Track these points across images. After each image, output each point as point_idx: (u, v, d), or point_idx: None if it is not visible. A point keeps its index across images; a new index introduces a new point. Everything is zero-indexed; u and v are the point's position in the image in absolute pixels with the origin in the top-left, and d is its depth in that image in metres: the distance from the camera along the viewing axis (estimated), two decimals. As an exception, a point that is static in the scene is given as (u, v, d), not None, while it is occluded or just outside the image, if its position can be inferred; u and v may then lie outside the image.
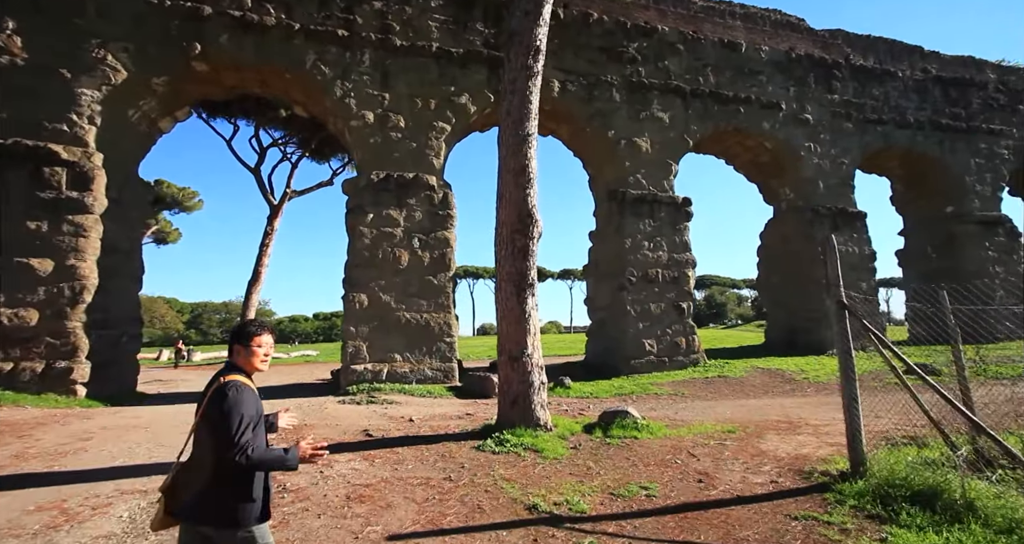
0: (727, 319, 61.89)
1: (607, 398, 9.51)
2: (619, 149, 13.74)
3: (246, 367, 2.08)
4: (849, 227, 15.18)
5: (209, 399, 1.93)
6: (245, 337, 2.08)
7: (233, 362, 2.08)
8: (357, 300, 10.93)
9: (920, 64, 17.60)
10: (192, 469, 1.94)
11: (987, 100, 18.00)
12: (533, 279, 5.98)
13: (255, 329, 2.12)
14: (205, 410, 1.93)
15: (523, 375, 5.76)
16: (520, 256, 5.89)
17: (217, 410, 1.87)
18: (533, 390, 5.76)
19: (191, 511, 1.89)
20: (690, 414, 7.63)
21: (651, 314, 12.77)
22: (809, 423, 6.65)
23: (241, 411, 1.87)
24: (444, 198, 12.05)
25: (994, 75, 18.53)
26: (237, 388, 1.92)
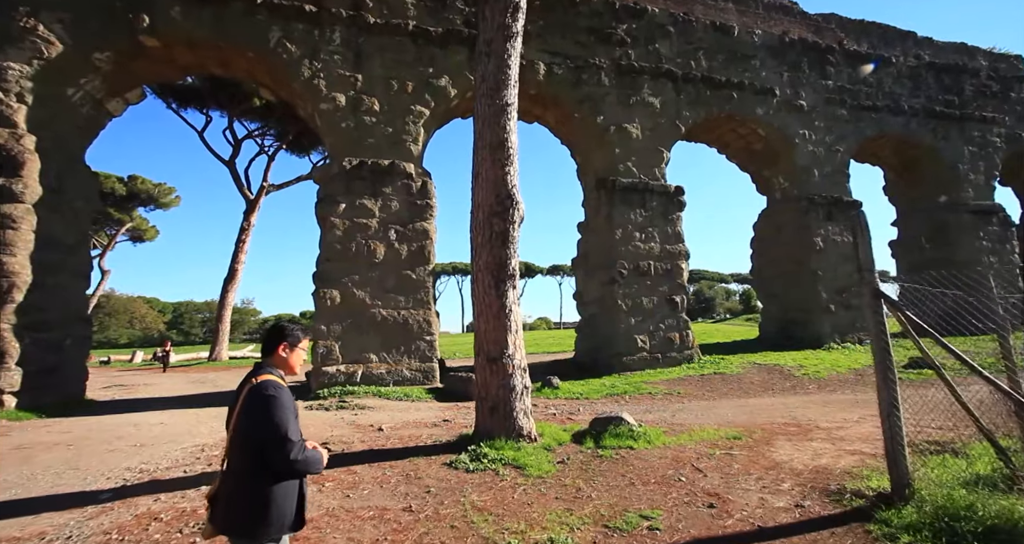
0: (716, 313, 62.01)
1: (598, 399, 8.87)
2: (608, 135, 13.06)
3: (283, 368, 2.02)
4: (844, 216, 14.72)
5: (248, 401, 1.83)
6: (295, 339, 2.05)
7: (269, 362, 2.00)
8: (329, 297, 10.11)
9: (913, 50, 17.21)
10: (228, 477, 1.85)
11: (980, 87, 17.69)
12: (514, 269, 5.27)
13: (302, 332, 2.10)
14: (244, 412, 1.83)
15: (503, 379, 5.06)
16: (499, 243, 5.18)
17: (261, 412, 1.79)
18: (515, 396, 5.06)
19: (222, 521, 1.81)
20: (689, 416, 7.00)
21: (643, 308, 12.16)
22: (820, 426, 6.06)
23: (287, 411, 1.82)
24: (423, 187, 11.26)
25: (986, 62, 18.24)
26: (277, 387, 1.86)
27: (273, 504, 1.79)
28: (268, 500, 1.78)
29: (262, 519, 1.77)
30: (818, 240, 14.20)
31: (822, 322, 13.70)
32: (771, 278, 15.29)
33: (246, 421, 1.81)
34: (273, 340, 2.03)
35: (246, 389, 1.87)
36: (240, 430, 1.82)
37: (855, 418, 6.52)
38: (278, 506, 1.80)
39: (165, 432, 6.23)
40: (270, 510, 1.78)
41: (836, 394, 8.67)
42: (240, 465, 1.81)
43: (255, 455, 1.78)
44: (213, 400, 9.62)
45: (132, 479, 4.16)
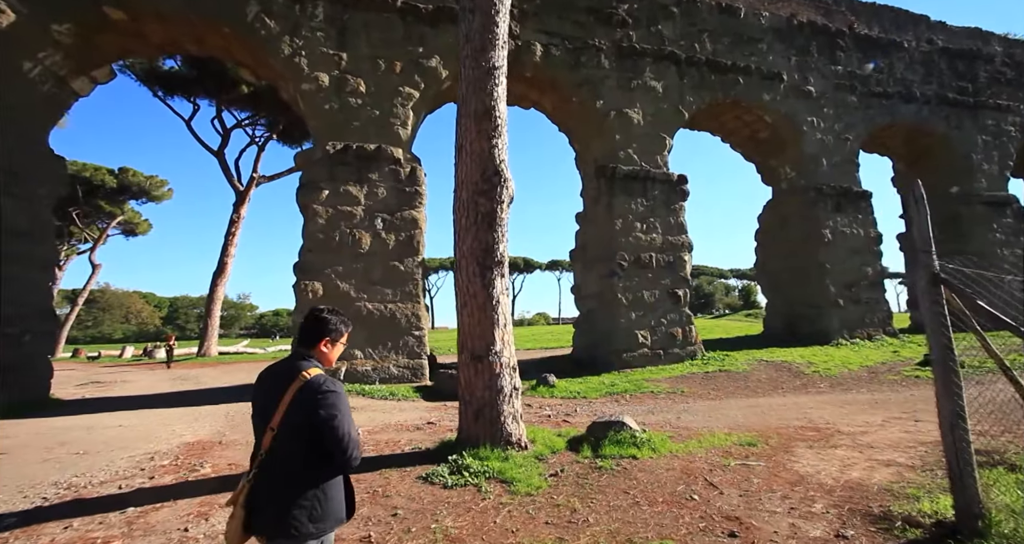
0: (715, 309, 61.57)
1: (597, 399, 8.29)
2: (608, 121, 12.42)
3: (323, 361, 1.93)
4: (853, 208, 14.13)
5: (305, 395, 1.70)
6: (338, 333, 1.95)
7: (309, 354, 1.88)
8: (310, 289, 9.50)
9: (926, 35, 16.54)
10: (272, 478, 1.70)
11: (994, 74, 17.05)
12: (502, 256, 4.67)
13: (344, 325, 2.00)
14: (298, 406, 1.69)
15: (489, 379, 4.46)
16: (485, 225, 4.57)
17: (323, 408, 1.69)
18: (502, 398, 4.47)
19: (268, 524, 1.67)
20: (696, 418, 6.43)
21: (644, 302, 11.57)
22: (841, 430, 5.48)
23: (346, 406, 1.76)
24: (412, 173, 10.62)
25: (1001, 48, 17.57)
26: (332, 381, 1.75)
27: (330, 498, 1.74)
28: (326, 495, 1.73)
29: (322, 515, 1.71)
30: (826, 232, 13.60)
31: (830, 317, 13.13)
32: (776, 272, 14.71)
33: (302, 416, 1.69)
34: (316, 333, 1.91)
35: (297, 382, 1.73)
36: (293, 424, 1.69)
37: (878, 421, 5.95)
38: (333, 499, 1.76)
39: (120, 436, 5.64)
40: (329, 505, 1.73)
41: (851, 393, 8.11)
42: (288, 462, 1.70)
43: (310, 450, 1.70)
44: (191, 399, 9.02)
45: (53, 497, 3.57)
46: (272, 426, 1.71)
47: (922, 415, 6.23)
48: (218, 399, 8.94)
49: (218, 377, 13.35)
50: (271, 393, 1.74)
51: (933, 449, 4.59)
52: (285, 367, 1.82)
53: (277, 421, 1.70)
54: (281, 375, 1.78)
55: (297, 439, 1.69)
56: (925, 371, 9.36)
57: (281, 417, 1.70)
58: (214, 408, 7.68)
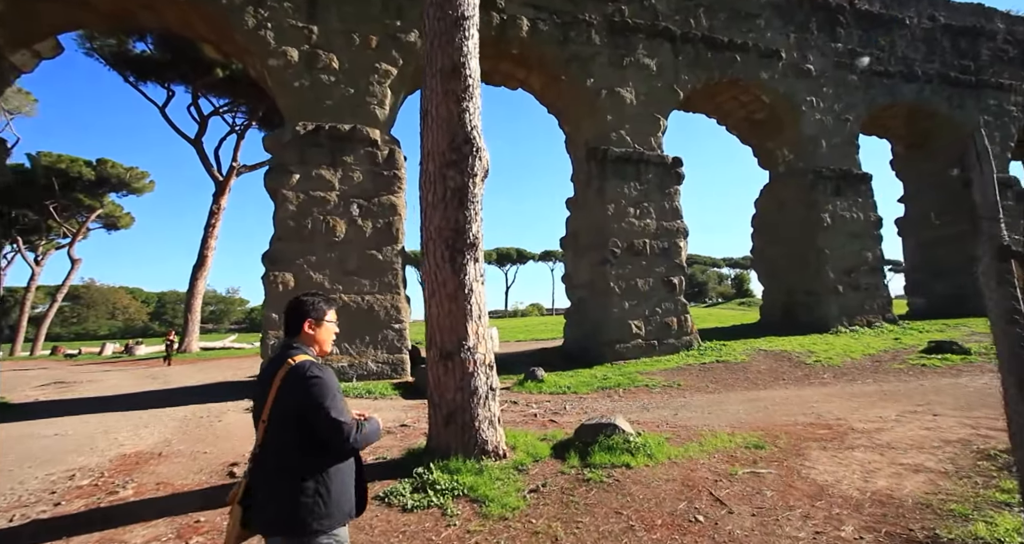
0: (708, 298, 61.51)
1: (588, 394, 7.76)
2: (599, 101, 11.75)
3: (314, 347, 1.82)
4: (853, 191, 13.63)
5: (288, 384, 1.62)
6: (318, 312, 1.84)
7: (296, 342, 1.79)
8: (281, 281, 8.84)
9: (928, 11, 15.94)
10: (267, 471, 1.61)
11: (996, 52, 16.52)
12: (475, 237, 4.06)
13: (326, 304, 1.88)
14: (283, 396, 1.62)
15: (462, 379, 3.88)
16: (455, 202, 3.96)
17: (304, 395, 1.59)
18: (477, 400, 3.89)
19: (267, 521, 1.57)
20: (694, 416, 5.91)
21: (638, 291, 11.03)
22: (855, 428, 4.98)
23: (333, 392, 1.63)
24: (390, 156, 9.93)
25: (1003, 25, 17.02)
26: (319, 367, 1.67)
27: (334, 491, 1.61)
28: (328, 487, 1.60)
29: (320, 510, 1.56)
30: (826, 216, 13.10)
31: (829, 304, 12.69)
32: (773, 258, 14.22)
33: (289, 404, 1.61)
34: (295, 317, 1.83)
35: (282, 371, 1.65)
36: (280, 415, 1.62)
37: (892, 415, 5.46)
38: (339, 492, 1.62)
39: (50, 447, 5.02)
40: (328, 499, 1.59)
41: (856, 385, 7.64)
42: (282, 453, 1.60)
43: (303, 440, 1.60)
44: (152, 400, 8.39)
45: (-72, 530, 2.96)
46: (263, 418, 1.64)
47: (938, 408, 5.75)
48: (183, 400, 8.31)
49: (191, 375, 12.69)
50: (262, 385, 1.69)
51: (962, 450, 4.09)
52: (275, 357, 1.74)
53: (267, 413, 1.63)
54: (271, 366, 1.71)
55: (287, 429, 1.60)
56: (931, 359, 8.94)
57: (270, 408, 1.63)
58: (173, 411, 7.06)
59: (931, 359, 8.91)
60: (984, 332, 12.02)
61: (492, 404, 4.00)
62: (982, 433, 4.62)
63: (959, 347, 9.38)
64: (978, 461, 3.79)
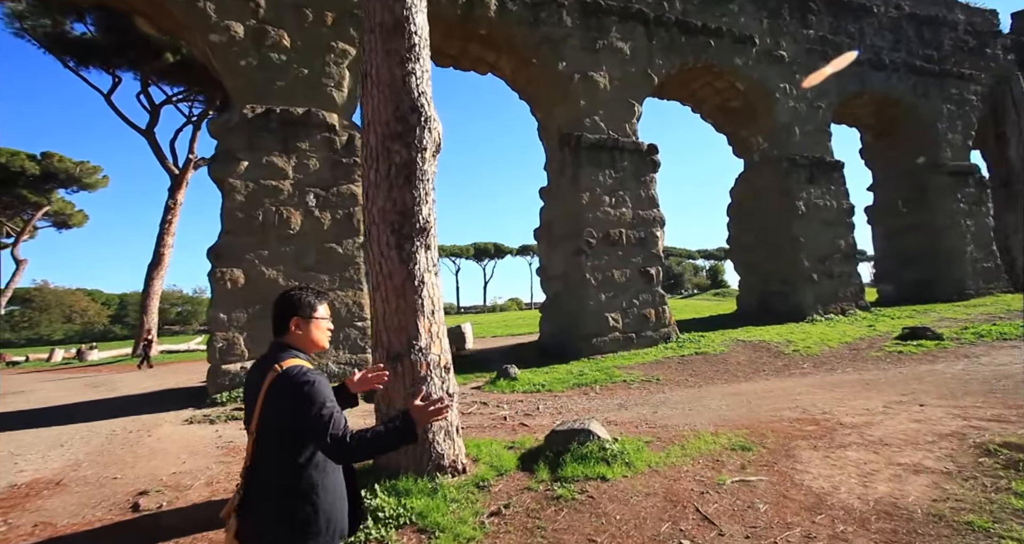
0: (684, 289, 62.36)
1: (563, 392, 7.34)
2: (572, 85, 11.29)
3: (305, 346, 1.65)
4: (826, 178, 13.62)
5: (275, 392, 1.47)
6: (306, 308, 1.66)
7: (285, 342, 1.63)
8: (229, 278, 8.09)
9: (894, 0, 16.05)
10: (256, 487, 1.47)
11: (958, 42, 16.82)
12: (427, 222, 3.52)
13: (315, 298, 1.71)
14: (270, 405, 1.47)
15: (412, 385, 3.36)
16: (401, 180, 3.41)
17: (291, 404, 1.44)
18: (432, 409, 3.38)
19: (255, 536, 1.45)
20: (675, 413, 5.55)
21: (615, 282, 10.68)
22: (842, 422, 4.69)
23: (323, 394, 1.46)
24: (350, 142, 9.23)
25: (963, 16, 17.35)
26: (309, 372, 1.49)
27: (322, 509, 1.46)
28: (315, 506, 1.45)
29: (311, 528, 1.44)
30: (800, 204, 13.04)
31: (805, 292, 12.65)
32: (749, 246, 14.12)
33: (275, 414, 1.46)
34: (282, 315, 1.64)
35: (269, 377, 1.48)
36: (266, 427, 1.47)
37: (879, 407, 5.21)
38: (328, 510, 1.48)
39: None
40: (319, 516, 1.45)
41: (837, 374, 7.46)
42: (270, 468, 1.46)
43: (289, 453, 1.46)
44: (83, 413, 7.55)
45: None
46: (251, 430, 1.50)
47: (924, 397, 5.55)
48: (119, 411, 7.52)
49: (140, 382, 11.74)
50: (250, 393, 1.55)
51: (959, 445, 3.81)
52: (262, 361, 1.60)
53: (254, 424, 1.49)
54: (257, 371, 1.57)
55: (273, 441, 1.46)
56: (907, 346, 8.88)
57: (257, 419, 1.48)
58: (102, 425, 6.30)
59: (907, 346, 8.85)
60: (952, 317, 12.18)
61: (450, 412, 3.49)
62: (974, 425, 4.38)
63: (932, 333, 9.36)
64: (979, 458, 3.50)
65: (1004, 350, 8.47)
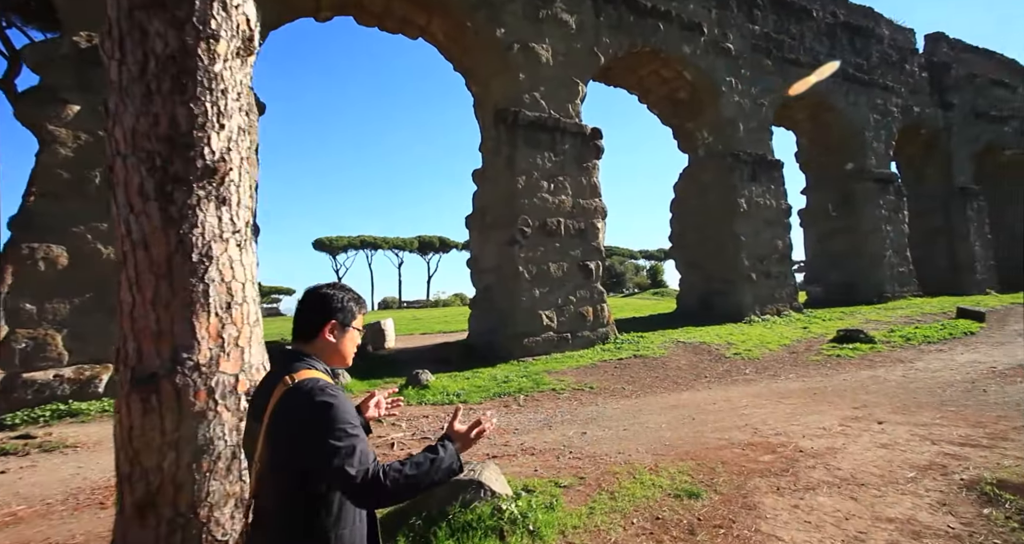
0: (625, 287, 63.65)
1: (481, 404, 6.16)
2: (511, 56, 10.09)
3: (331, 359, 1.35)
4: (767, 177, 13.45)
5: (282, 413, 1.16)
6: (348, 313, 1.37)
7: (306, 350, 1.33)
8: (44, 256, 6.11)
9: (830, 7, 16.34)
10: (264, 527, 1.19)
11: (883, 55, 17.49)
12: (219, 159, 2.15)
13: (356, 303, 1.40)
14: (279, 429, 1.16)
15: (176, 428, 1.98)
16: (166, 84, 2.03)
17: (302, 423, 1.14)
18: (210, 467, 2.02)
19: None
20: (607, 434, 4.53)
21: (550, 277, 9.65)
22: (802, 448, 3.85)
23: (344, 417, 1.14)
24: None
25: (888, 31, 18.09)
26: (322, 386, 1.18)
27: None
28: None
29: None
30: (742, 201, 12.73)
31: (744, 292, 12.36)
32: (692, 244, 13.70)
33: (283, 440, 1.14)
34: (315, 317, 1.34)
35: (277, 392, 1.18)
36: (276, 451, 1.15)
37: (835, 425, 4.46)
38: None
39: None
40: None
41: (780, 381, 6.85)
42: (278, 506, 1.15)
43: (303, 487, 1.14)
44: None
45: None
46: (256, 460, 1.19)
47: (878, 411, 4.91)
48: None
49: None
50: (255, 412, 1.25)
51: (947, 485, 3.03)
52: (270, 375, 1.29)
53: (259, 453, 1.18)
54: (264, 386, 1.26)
55: (284, 472, 1.14)
56: (843, 349, 8.57)
57: (262, 446, 1.17)
58: None
59: (843, 349, 8.54)
60: (876, 319, 12.38)
61: (245, 466, 2.14)
62: (948, 451, 3.67)
63: (865, 336, 9.17)
64: (983, 509, 2.69)
65: (932, 354, 8.36)
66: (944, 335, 9.85)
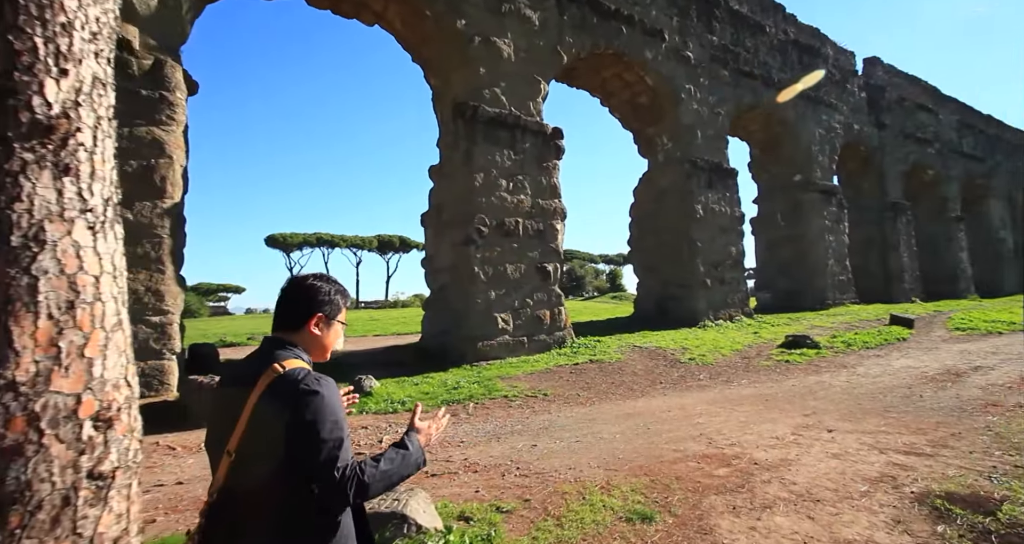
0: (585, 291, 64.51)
1: (427, 413, 5.71)
2: (472, 49, 9.74)
3: (314, 351, 1.31)
4: (722, 185, 13.77)
5: (271, 401, 1.11)
6: (335, 306, 1.34)
7: (290, 340, 1.27)
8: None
9: (782, 25, 17.05)
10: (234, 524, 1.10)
11: (828, 73, 18.43)
12: (58, 112, 1.67)
13: (342, 296, 1.37)
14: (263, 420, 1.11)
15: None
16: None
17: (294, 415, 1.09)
18: (24, 528, 1.53)
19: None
20: (558, 446, 4.25)
21: (507, 278, 9.34)
22: (756, 460, 3.71)
23: (335, 411, 1.13)
24: (156, 69, 6.70)
25: (832, 52, 19.12)
26: (313, 377, 1.16)
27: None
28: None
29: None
30: (699, 207, 12.95)
31: (699, 298, 12.55)
32: (650, 249, 13.80)
33: (271, 428, 1.08)
34: (301, 307, 1.29)
35: (265, 379, 1.13)
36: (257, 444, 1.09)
37: (788, 434, 4.39)
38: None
39: None
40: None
41: (733, 387, 6.85)
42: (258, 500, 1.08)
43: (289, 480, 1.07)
44: None
45: None
46: (230, 449, 1.12)
47: (827, 419, 4.91)
48: None
49: None
50: (230, 400, 1.16)
51: (899, 499, 2.94)
52: (251, 362, 1.24)
53: (236, 441, 1.11)
54: (244, 374, 1.19)
55: (268, 465, 1.08)
56: (792, 354, 8.78)
57: (242, 433, 1.11)
58: None
59: (791, 354, 8.74)
60: (820, 325, 12.90)
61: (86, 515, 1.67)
62: (895, 461, 3.64)
63: (811, 341, 9.45)
64: (936, 526, 2.59)
65: (872, 359, 8.70)
66: (880, 340, 10.34)
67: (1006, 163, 28.27)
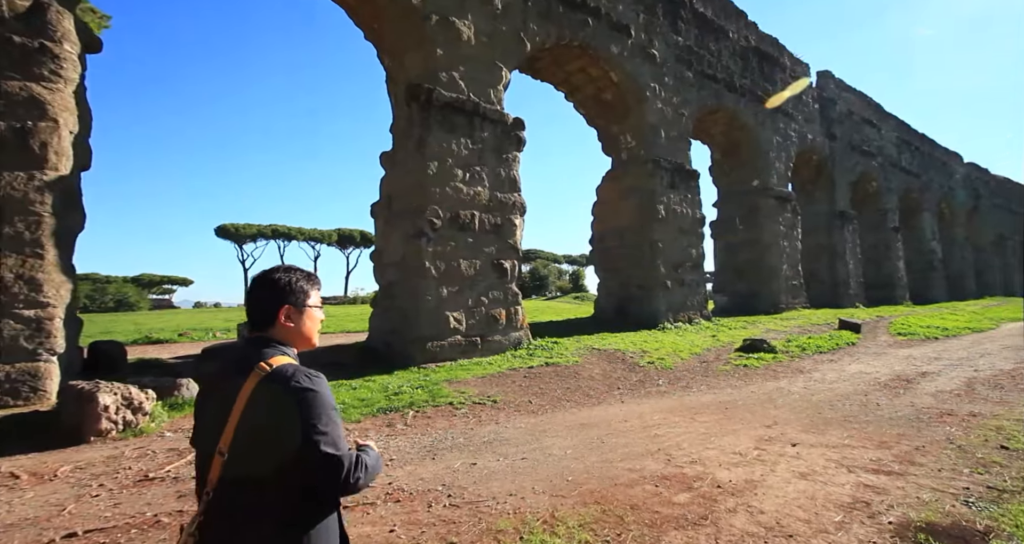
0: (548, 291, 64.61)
1: (360, 421, 5.06)
2: (429, 27, 9.04)
3: (296, 342, 1.31)
4: (685, 186, 13.68)
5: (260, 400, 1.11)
6: (299, 294, 1.30)
7: (268, 337, 1.27)
8: None
9: (744, 31, 17.27)
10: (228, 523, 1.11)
11: (785, 82, 18.90)
12: None
13: (306, 281, 1.33)
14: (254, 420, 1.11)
15: None
16: None
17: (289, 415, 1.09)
18: None
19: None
20: (501, 465, 3.70)
21: (461, 274, 8.72)
22: (720, 483, 3.30)
23: (328, 406, 1.14)
24: (37, 9, 5.64)
25: (789, 62, 19.64)
26: (303, 373, 1.15)
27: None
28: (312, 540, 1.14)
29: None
30: (661, 208, 12.78)
31: (659, 299, 12.36)
32: (612, 248, 13.53)
33: (263, 428, 1.10)
34: (268, 302, 1.27)
35: (252, 379, 1.13)
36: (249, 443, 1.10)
37: (751, 449, 4.03)
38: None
39: None
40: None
41: (692, 393, 6.53)
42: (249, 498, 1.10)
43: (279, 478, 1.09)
44: None
45: None
46: (221, 448, 1.12)
47: (790, 431, 4.60)
48: None
49: None
50: (219, 399, 1.17)
51: (876, 531, 2.57)
52: (239, 358, 1.20)
53: (227, 440, 1.12)
54: (231, 371, 1.18)
55: (260, 463, 1.09)
56: (749, 359, 8.63)
57: (233, 432, 1.11)
58: None
59: (749, 359, 8.60)
60: (775, 328, 13.03)
61: None
62: (865, 480, 3.32)
63: (768, 346, 9.38)
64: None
65: (826, 364, 8.69)
66: (832, 345, 10.46)
67: (937, 179, 30.28)
